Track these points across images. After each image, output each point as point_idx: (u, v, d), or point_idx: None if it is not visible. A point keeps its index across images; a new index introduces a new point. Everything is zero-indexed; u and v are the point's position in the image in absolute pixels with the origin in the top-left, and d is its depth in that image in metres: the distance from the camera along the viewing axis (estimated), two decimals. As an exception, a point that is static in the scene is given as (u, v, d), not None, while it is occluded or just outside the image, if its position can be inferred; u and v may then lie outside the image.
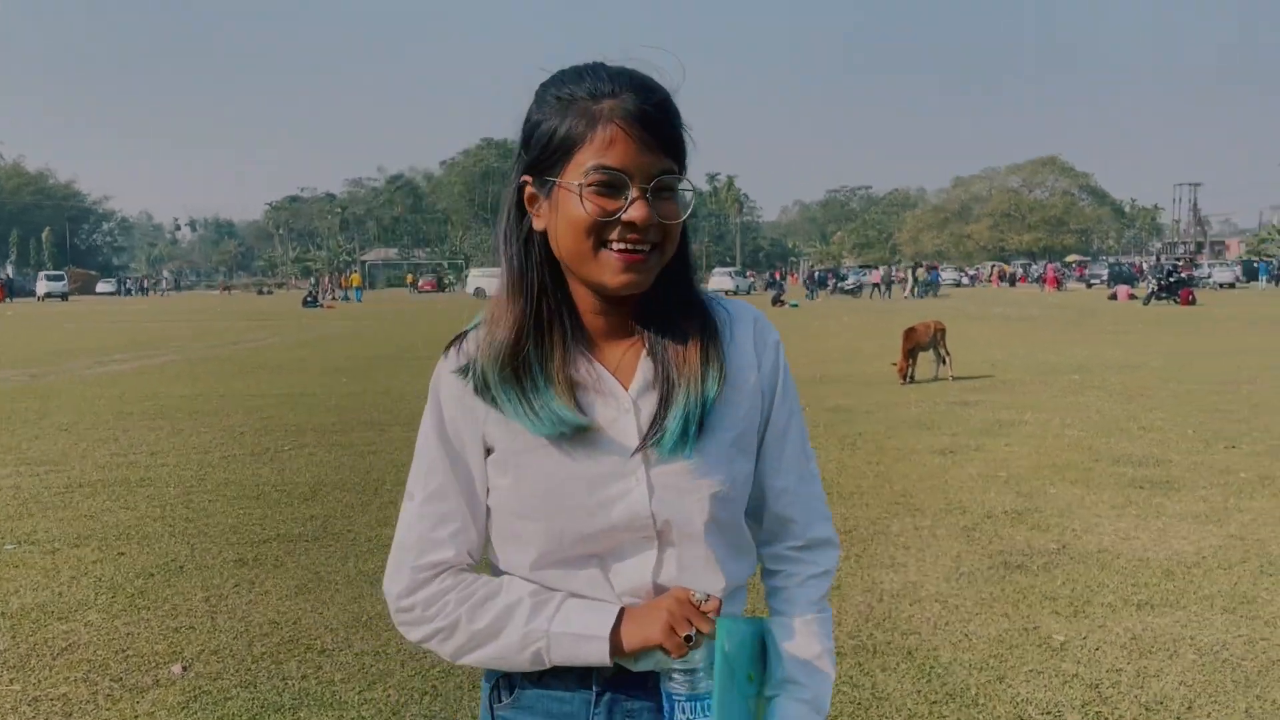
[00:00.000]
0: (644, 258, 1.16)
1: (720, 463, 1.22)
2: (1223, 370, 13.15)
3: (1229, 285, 52.16)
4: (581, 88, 1.17)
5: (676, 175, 1.18)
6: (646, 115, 1.15)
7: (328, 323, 29.38)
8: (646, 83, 1.18)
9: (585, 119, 1.15)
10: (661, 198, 1.16)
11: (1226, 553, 5.03)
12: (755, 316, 1.32)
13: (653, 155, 1.15)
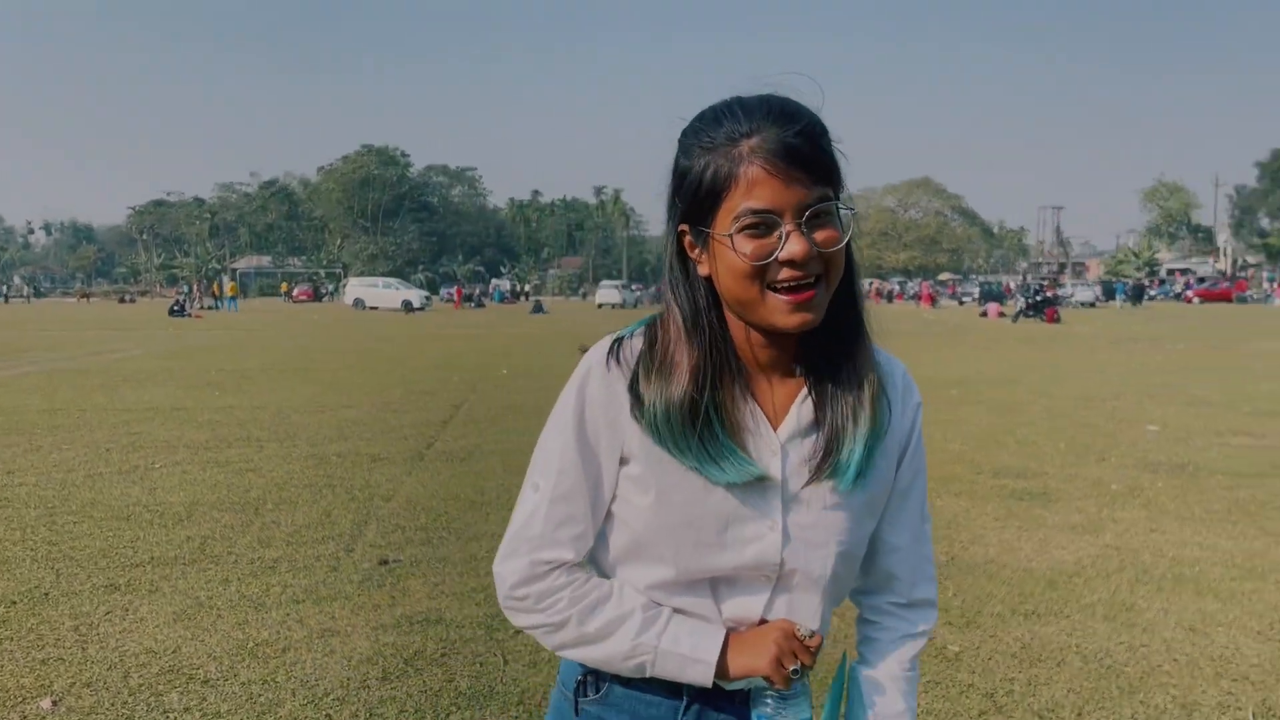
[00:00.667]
0: (812, 293, 1.14)
1: (856, 519, 1.25)
2: (1089, 386, 13.81)
3: (1090, 304, 54.93)
4: (720, 132, 1.15)
5: (831, 200, 1.14)
6: (787, 147, 1.12)
7: (197, 333, 28.21)
8: (786, 110, 1.15)
9: (728, 163, 1.13)
10: (818, 225, 1.13)
11: (1104, 562, 5.24)
12: (903, 372, 1.33)
13: (802, 187, 1.12)
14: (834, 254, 1.15)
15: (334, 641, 4.04)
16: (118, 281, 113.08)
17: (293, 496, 6.69)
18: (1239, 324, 32.80)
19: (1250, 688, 3.64)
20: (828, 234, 1.14)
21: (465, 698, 3.53)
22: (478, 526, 5.91)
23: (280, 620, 4.28)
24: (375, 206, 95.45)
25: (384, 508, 6.39)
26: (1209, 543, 5.60)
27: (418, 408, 11.33)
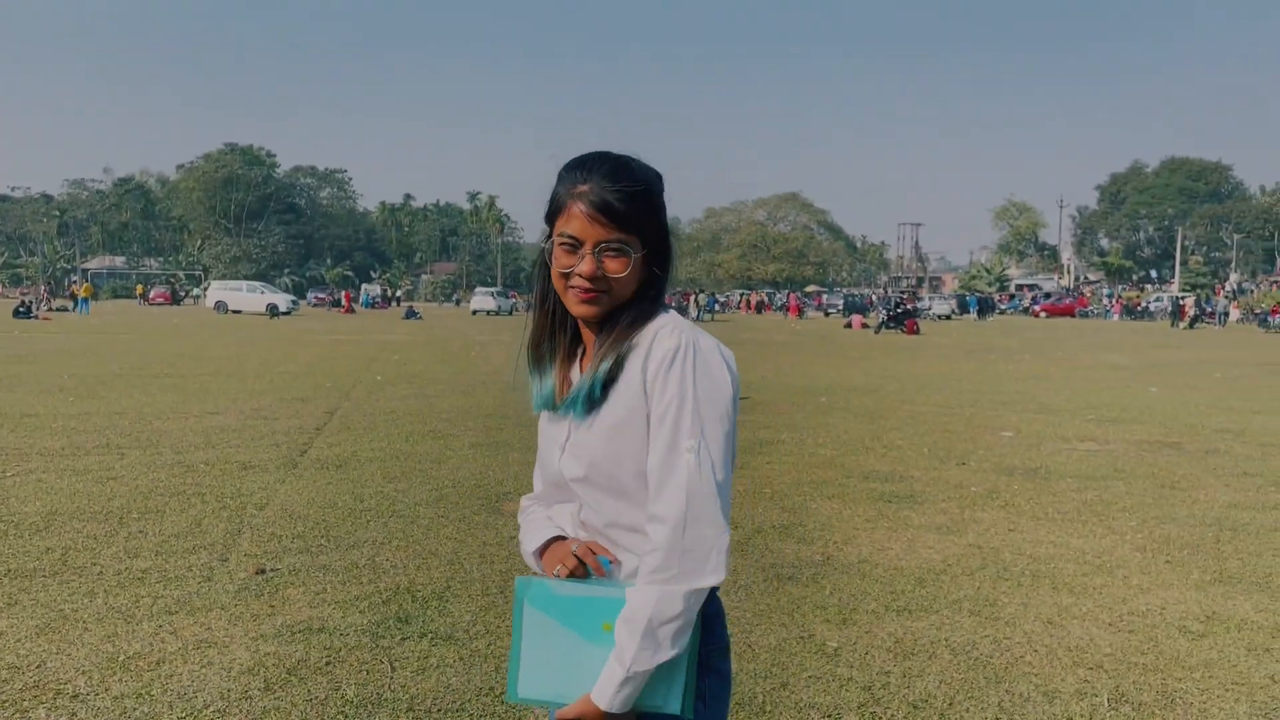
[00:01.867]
0: (594, 296, 1.60)
1: (604, 438, 1.60)
2: (948, 394, 14.45)
3: (945, 317, 57.38)
4: (571, 174, 1.63)
5: (623, 243, 1.59)
6: (599, 201, 1.58)
7: (46, 337, 26.64)
8: (613, 171, 1.61)
9: (566, 196, 1.62)
10: (610, 256, 1.59)
11: (967, 560, 5.52)
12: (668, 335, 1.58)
13: (603, 228, 1.58)
14: (623, 277, 1.59)
15: (211, 653, 3.92)
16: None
17: (159, 505, 6.43)
18: (1081, 337, 34.86)
19: (1104, 675, 3.91)
20: (615, 264, 1.59)
21: (353, 706, 3.48)
22: (358, 534, 5.81)
23: (152, 632, 4.12)
24: (239, 207, 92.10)
25: (258, 516, 6.20)
26: (1062, 541, 5.96)
27: (289, 414, 11.01)
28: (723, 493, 1.51)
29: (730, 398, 1.55)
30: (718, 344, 1.59)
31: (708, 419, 1.51)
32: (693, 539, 1.47)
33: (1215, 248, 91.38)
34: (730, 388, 1.56)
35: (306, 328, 35.79)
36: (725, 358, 1.57)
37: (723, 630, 1.64)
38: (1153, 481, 7.80)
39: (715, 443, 1.52)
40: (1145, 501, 7.08)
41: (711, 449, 1.51)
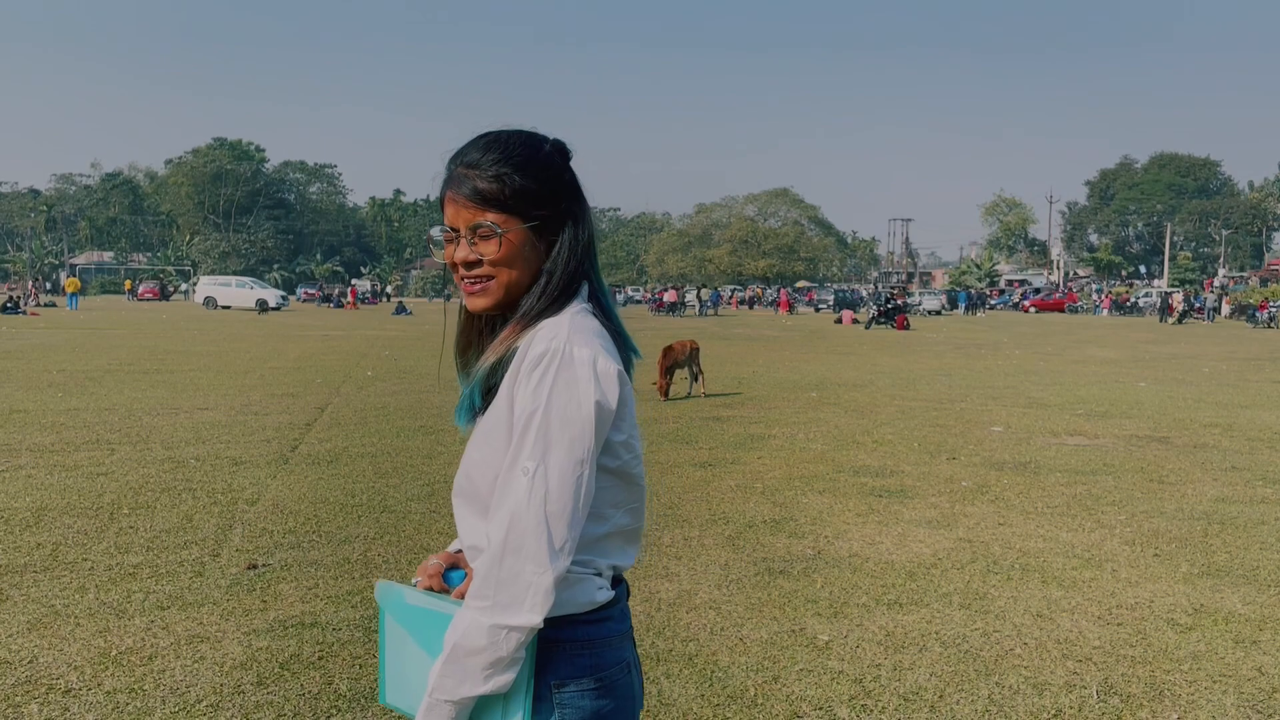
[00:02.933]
0: (482, 285, 1.49)
1: (475, 447, 1.49)
2: (937, 389, 14.50)
3: (935, 312, 57.48)
4: (448, 162, 1.54)
5: (491, 222, 1.46)
6: (459, 182, 1.48)
7: (34, 332, 26.52)
8: (478, 150, 1.49)
9: (441, 187, 1.53)
10: (483, 240, 1.46)
11: (958, 554, 5.54)
12: (545, 339, 1.43)
13: (468, 211, 1.47)
14: (499, 259, 1.47)
15: (203, 647, 3.92)
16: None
17: (150, 501, 6.42)
18: (1070, 332, 34.98)
19: (1093, 668, 3.94)
20: (488, 246, 1.46)
21: (345, 700, 3.48)
22: (349, 529, 5.81)
23: (144, 627, 4.12)
24: (228, 202, 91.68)
25: (249, 512, 6.20)
26: (1051, 535, 5.99)
27: (280, 410, 10.99)
28: (553, 525, 1.33)
29: (589, 419, 1.36)
30: (597, 356, 1.40)
31: (555, 441, 1.35)
32: (508, 571, 1.32)
33: (1204, 243, 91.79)
34: (591, 408, 1.36)
35: (296, 323, 35.70)
36: (599, 372, 1.38)
37: (594, 662, 1.44)
38: (1141, 476, 7.85)
39: (557, 468, 1.34)
40: (1134, 496, 7.12)
41: (550, 474, 1.34)
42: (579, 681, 1.42)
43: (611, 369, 1.41)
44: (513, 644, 1.33)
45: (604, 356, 1.41)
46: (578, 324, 1.44)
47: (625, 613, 1.54)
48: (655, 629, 4.25)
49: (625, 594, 1.55)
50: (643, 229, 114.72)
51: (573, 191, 1.54)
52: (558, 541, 1.34)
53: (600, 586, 1.46)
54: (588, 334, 1.43)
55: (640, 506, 1.53)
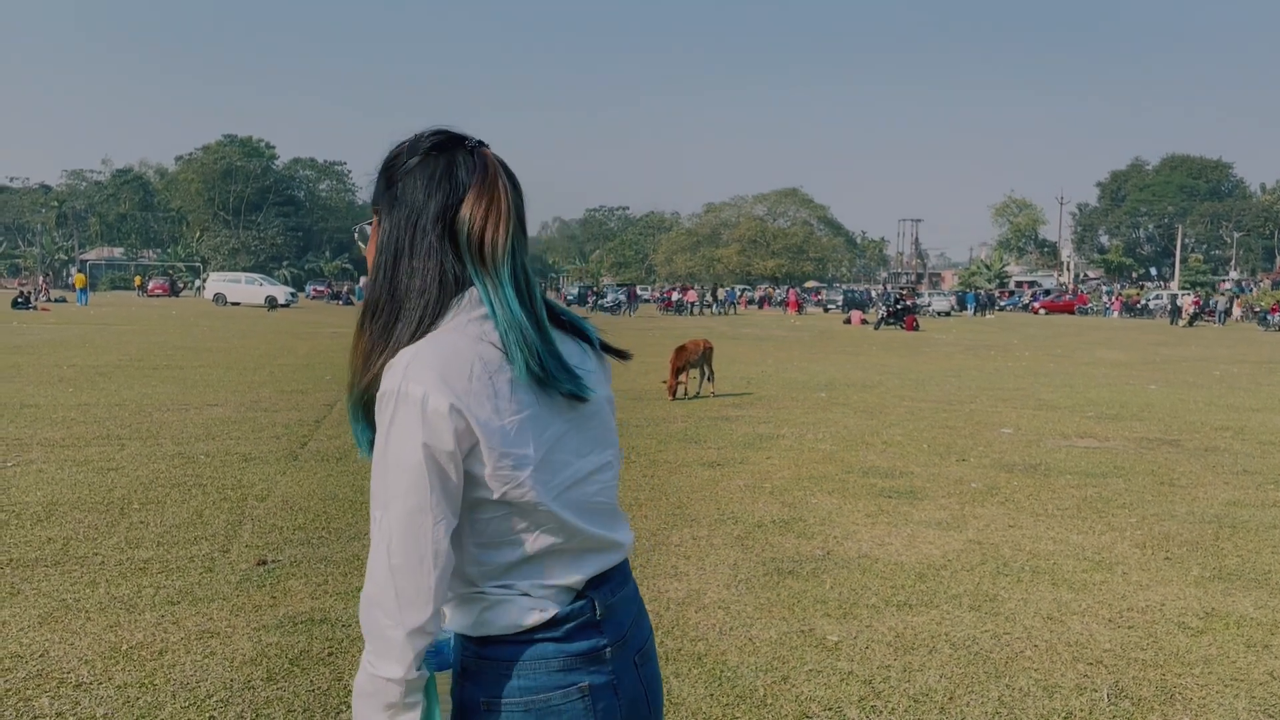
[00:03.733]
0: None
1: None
2: (947, 390, 14.47)
3: (945, 313, 57.36)
4: None
5: (365, 221, 1.50)
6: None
7: (44, 327, 26.63)
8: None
9: None
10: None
11: (967, 556, 5.53)
12: (390, 365, 1.35)
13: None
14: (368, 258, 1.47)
15: (214, 643, 3.93)
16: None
17: (160, 496, 6.44)
18: (1080, 334, 34.87)
19: (1104, 670, 3.93)
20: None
21: (355, 696, 3.48)
22: (358, 526, 5.81)
23: (155, 622, 4.13)
24: (237, 199, 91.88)
25: (259, 508, 6.21)
26: (1062, 537, 5.97)
27: (289, 406, 11.02)
28: (398, 579, 1.28)
29: (420, 465, 1.27)
30: (430, 393, 1.28)
31: (391, 490, 1.29)
32: (372, 623, 1.30)
33: (1215, 245, 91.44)
34: (419, 454, 1.27)
35: (305, 320, 35.78)
36: (428, 412, 1.27)
37: (523, 684, 1.39)
38: (1152, 478, 7.82)
39: (397, 519, 1.29)
40: (1145, 498, 7.09)
41: (393, 526, 1.29)
42: (508, 701, 1.38)
43: (443, 406, 1.28)
44: (394, 693, 1.30)
45: (437, 392, 1.28)
46: (425, 351, 1.32)
47: (595, 633, 1.43)
48: (664, 628, 4.25)
49: (598, 612, 1.43)
50: (651, 228, 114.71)
51: (410, 174, 1.42)
52: (406, 595, 1.29)
53: (529, 608, 1.38)
54: (430, 363, 1.30)
55: (568, 524, 1.40)
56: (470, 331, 1.35)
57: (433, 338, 1.34)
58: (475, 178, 1.40)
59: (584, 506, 1.44)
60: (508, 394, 1.34)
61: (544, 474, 1.37)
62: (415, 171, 1.40)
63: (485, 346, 1.35)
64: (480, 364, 1.33)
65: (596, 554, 1.46)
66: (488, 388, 1.32)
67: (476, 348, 1.34)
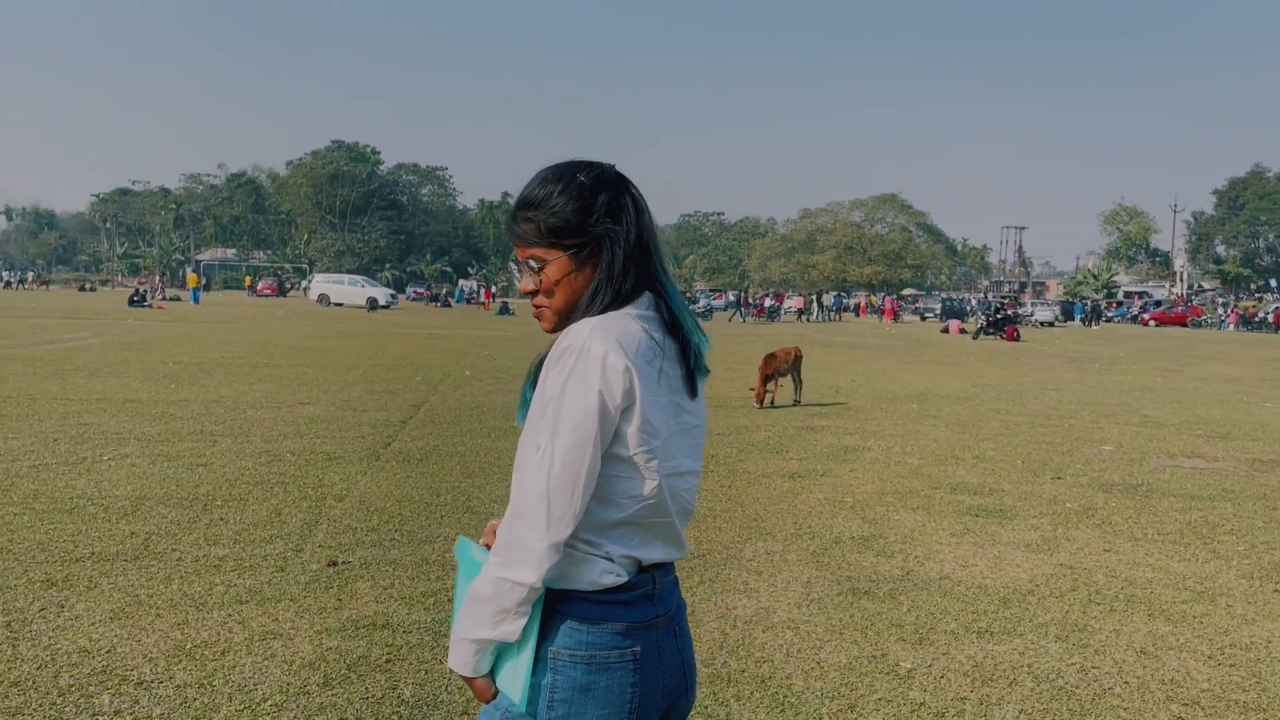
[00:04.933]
0: (539, 311, 1.70)
1: (524, 428, 1.61)
2: (1046, 404, 13.93)
3: (1049, 324, 55.61)
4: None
5: (530, 257, 1.66)
6: (509, 223, 1.70)
7: (156, 324, 27.74)
8: (524, 189, 1.69)
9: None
10: (530, 272, 1.67)
11: (1057, 581, 5.24)
12: (569, 331, 1.60)
13: (518, 247, 1.68)
14: (548, 289, 1.66)
15: (275, 644, 3.93)
16: (78, 269, 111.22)
17: (242, 493, 6.56)
18: (1192, 347, 33.34)
19: (1200, 713, 3.65)
20: (536, 279, 1.67)
21: (408, 706, 3.44)
22: (430, 529, 5.81)
23: (221, 621, 4.17)
24: (344, 203, 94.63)
25: (336, 508, 6.27)
26: (1161, 564, 5.63)
27: (377, 407, 11.18)
28: (554, 498, 1.50)
29: (593, 407, 1.51)
30: (609, 352, 1.53)
31: (563, 423, 1.51)
32: (516, 534, 1.52)
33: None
34: (595, 398, 1.51)
35: (403, 322, 36.53)
36: (607, 367, 1.52)
37: (590, 639, 1.59)
38: (1264, 503, 7.34)
39: (563, 447, 1.51)
40: (1255, 525, 6.65)
41: (556, 453, 1.51)
42: (573, 652, 1.57)
43: (619, 364, 1.52)
44: (515, 597, 1.51)
45: (615, 353, 1.53)
46: (604, 324, 1.57)
47: (650, 604, 1.64)
48: (729, 647, 4.11)
49: (656, 588, 1.66)
50: (746, 233, 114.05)
51: (610, 214, 1.64)
52: (556, 512, 1.50)
53: (607, 570, 1.58)
54: (609, 332, 1.55)
55: (664, 503, 1.62)
56: (639, 324, 1.62)
57: (610, 315, 1.61)
58: (643, 206, 1.71)
59: (676, 498, 1.66)
60: (657, 378, 1.60)
61: (664, 455, 1.61)
62: (610, 202, 1.65)
63: (650, 338, 1.61)
64: (646, 347, 1.59)
65: (668, 544, 1.68)
66: (649, 366, 1.58)
67: (643, 336, 1.60)
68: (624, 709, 1.59)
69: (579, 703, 1.58)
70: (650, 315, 1.65)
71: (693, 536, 5.83)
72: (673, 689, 1.68)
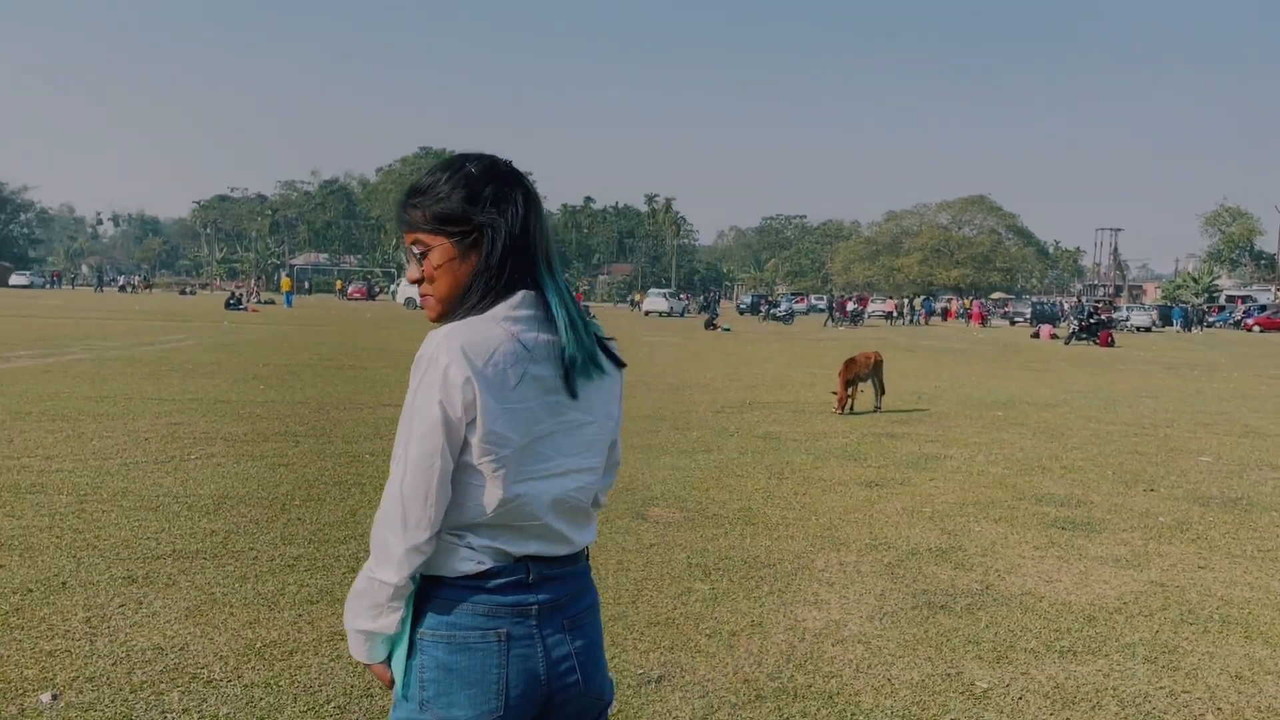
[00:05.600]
0: (424, 299, 1.72)
1: None
2: (1140, 412, 13.41)
3: (1145, 329, 53.73)
4: None
5: (413, 242, 1.69)
6: (398, 212, 1.74)
7: (250, 327, 28.60)
8: (410, 184, 1.72)
9: None
10: (415, 259, 1.69)
11: (1147, 599, 5.01)
12: (427, 339, 1.61)
13: (405, 234, 1.71)
14: (430, 277, 1.68)
15: (342, 645, 3.96)
16: (180, 273, 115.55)
17: (320, 494, 6.67)
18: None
19: (1298, 743, 3.43)
20: (420, 267, 1.69)
21: (470, 711, 3.42)
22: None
23: (291, 621, 4.22)
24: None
25: (410, 509, 6.32)
26: (1260, 583, 5.34)
27: (455, 409, 11.29)
28: (407, 504, 1.56)
29: (435, 419, 1.55)
30: (452, 364, 1.55)
31: (414, 433, 1.57)
32: (379, 536, 1.60)
33: None
34: (436, 410, 1.55)
35: (486, 324, 36.92)
36: (449, 380, 1.55)
37: (452, 620, 1.63)
38: (1376, 521, 6.92)
39: (413, 457, 1.56)
40: (1366, 543, 6.27)
41: (409, 462, 1.56)
42: (435, 632, 1.62)
43: (460, 377, 1.54)
44: (384, 594, 1.59)
45: (458, 365, 1.55)
46: (457, 331, 1.59)
47: (524, 591, 1.65)
48: (796, 662, 4.00)
49: (532, 577, 1.66)
50: (829, 236, 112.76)
51: (495, 204, 1.65)
52: (412, 518, 1.56)
53: (467, 558, 1.62)
54: (459, 340, 1.57)
55: (526, 508, 1.63)
56: (504, 326, 1.61)
57: (471, 321, 1.61)
58: (533, 200, 1.71)
59: (555, 498, 1.67)
60: (512, 385, 1.59)
61: (523, 460, 1.62)
62: (496, 193, 1.66)
63: (512, 342, 1.60)
64: (501, 354, 1.58)
65: (546, 541, 1.68)
66: (500, 375, 1.57)
67: (504, 341, 1.59)
68: (490, 689, 1.63)
69: (445, 682, 1.63)
70: (526, 315, 1.64)
71: (762, 545, 5.72)
72: (557, 680, 1.68)
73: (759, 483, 7.59)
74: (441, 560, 1.63)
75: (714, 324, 39.48)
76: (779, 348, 27.68)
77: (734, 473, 7.99)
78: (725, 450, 9.10)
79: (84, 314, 33.40)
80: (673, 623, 4.39)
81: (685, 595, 4.78)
